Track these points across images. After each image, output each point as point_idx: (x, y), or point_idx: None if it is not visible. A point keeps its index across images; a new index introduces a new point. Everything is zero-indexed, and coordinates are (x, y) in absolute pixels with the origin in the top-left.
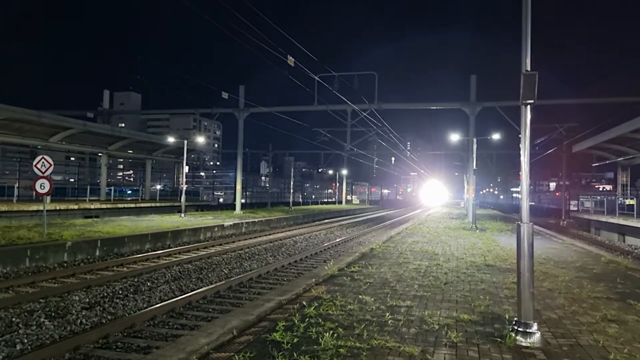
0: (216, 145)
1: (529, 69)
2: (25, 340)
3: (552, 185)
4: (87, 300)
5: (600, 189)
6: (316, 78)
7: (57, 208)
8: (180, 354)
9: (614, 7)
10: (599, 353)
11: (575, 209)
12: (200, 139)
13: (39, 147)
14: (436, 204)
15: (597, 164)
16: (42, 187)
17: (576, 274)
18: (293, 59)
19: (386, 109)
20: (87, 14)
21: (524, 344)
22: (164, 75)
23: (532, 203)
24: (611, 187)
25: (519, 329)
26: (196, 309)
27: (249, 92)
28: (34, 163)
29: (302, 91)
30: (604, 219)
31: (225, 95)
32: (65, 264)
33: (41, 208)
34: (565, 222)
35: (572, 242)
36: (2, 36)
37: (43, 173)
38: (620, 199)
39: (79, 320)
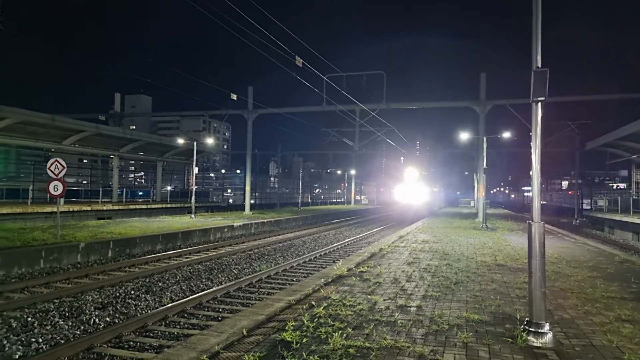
0: (225, 147)
1: (539, 65)
2: (40, 340)
3: (565, 183)
4: (100, 300)
5: (614, 187)
6: (325, 78)
7: (71, 210)
8: (191, 353)
9: (628, 1)
10: (612, 354)
11: (588, 207)
12: (210, 141)
13: (52, 149)
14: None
15: (610, 162)
16: (56, 189)
17: (589, 274)
18: (301, 60)
19: (395, 108)
20: (97, 17)
21: (535, 344)
22: (174, 78)
23: (544, 202)
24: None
25: (531, 329)
26: (206, 309)
27: (258, 93)
28: (48, 166)
29: (311, 93)
30: (617, 217)
31: (234, 96)
32: (78, 265)
33: (55, 210)
34: (577, 221)
35: (585, 241)
36: (15, 41)
37: (56, 175)
38: (634, 196)
39: (92, 320)
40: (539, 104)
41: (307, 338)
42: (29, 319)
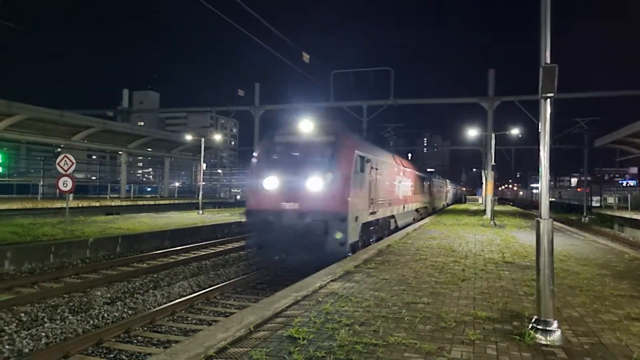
0: (233, 143)
1: (548, 61)
2: (50, 334)
3: (574, 180)
4: (109, 295)
5: (624, 185)
6: (331, 74)
7: (80, 205)
8: (198, 349)
9: None
10: (622, 352)
11: (598, 204)
12: (218, 137)
13: (61, 145)
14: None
15: (620, 159)
16: (65, 185)
17: (598, 271)
18: (308, 56)
19: (402, 104)
20: (105, 13)
21: (543, 342)
22: (182, 74)
23: (553, 199)
24: (636, 182)
25: (539, 327)
26: (214, 304)
27: (265, 91)
28: (57, 161)
29: (318, 90)
30: (627, 215)
31: (241, 93)
32: (87, 260)
33: (64, 205)
34: (586, 218)
35: (594, 238)
36: (22, 36)
37: (66, 171)
38: None
39: (101, 315)
40: (548, 100)
41: (314, 334)
42: (39, 313)
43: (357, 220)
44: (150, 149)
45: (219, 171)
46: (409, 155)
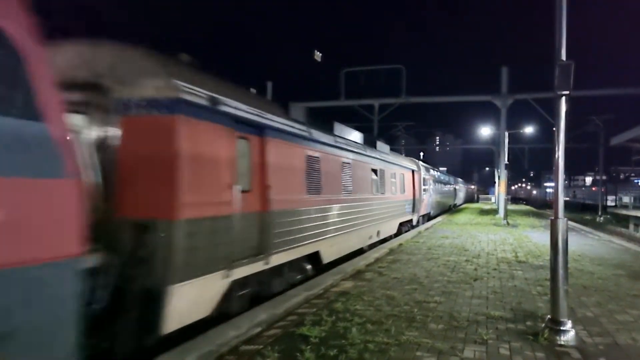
0: None
1: (564, 58)
2: None
3: (588, 179)
4: None
5: None
6: (342, 72)
7: None
8: (210, 347)
9: None
10: (638, 353)
11: (613, 204)
12: None
13: None
14: None
15: (636, 158)
16: None
17: (613, 272)
18: (320, 54)
19: (414, 102)
20: (110, 13)
21: (557, 342)
22: None
23: (567, 198)
24: None
25: (553, 327)
26: None
27: (277, 87)
28: None
29: (329, 87)
30: None
31: (253, 91)
32: None
33: None
34: (601, 218)
35: (609, 238)
36: None
37: None
38: None
39: None
40: (563, 98)
41: (325, 332)
42: None
43: None
44: None
45: None
46: (421, 154)
